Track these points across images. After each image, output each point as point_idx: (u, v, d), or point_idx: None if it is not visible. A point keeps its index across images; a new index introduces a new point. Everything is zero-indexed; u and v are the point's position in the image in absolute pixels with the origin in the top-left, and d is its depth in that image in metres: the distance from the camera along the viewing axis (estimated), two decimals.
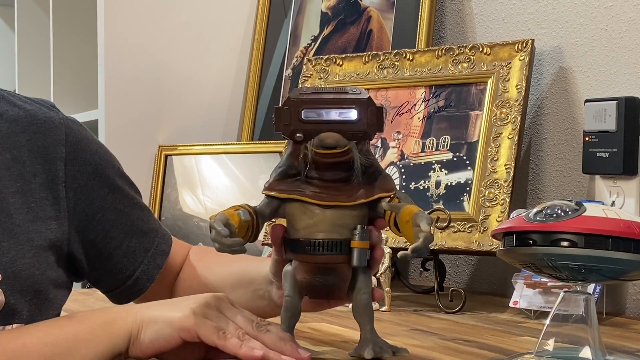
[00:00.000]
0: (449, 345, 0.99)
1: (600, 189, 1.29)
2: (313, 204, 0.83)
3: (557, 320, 0.83)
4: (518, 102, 1.37)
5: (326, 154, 0.81)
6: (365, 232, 0.82)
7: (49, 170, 0.97)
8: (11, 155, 0.96)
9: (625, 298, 1.31)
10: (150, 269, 1.05)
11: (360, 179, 0.82)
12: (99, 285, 1.07)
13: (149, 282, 1.05)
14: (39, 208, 0.96)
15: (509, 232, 0.82)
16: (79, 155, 1.00)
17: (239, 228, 0.81)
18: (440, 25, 1.68)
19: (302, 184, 0.83)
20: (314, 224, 0.83)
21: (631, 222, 0.78)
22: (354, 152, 0.81)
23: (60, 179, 0.98)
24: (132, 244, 1.04)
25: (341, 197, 0.82)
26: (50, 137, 0.98)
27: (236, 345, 0.80)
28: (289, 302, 0.86)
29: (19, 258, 0.93)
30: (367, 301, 0.84)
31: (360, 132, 0.81)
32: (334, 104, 0.81)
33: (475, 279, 1.59)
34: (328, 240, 0.82)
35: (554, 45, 1.45)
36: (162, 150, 1.93)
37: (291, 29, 1.93)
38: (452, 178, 1.41)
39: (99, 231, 1.01)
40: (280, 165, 0.85)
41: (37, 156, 0.97)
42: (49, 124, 0.99)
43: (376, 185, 0.84)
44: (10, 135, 0.96)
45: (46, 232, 0.96)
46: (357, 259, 0.82)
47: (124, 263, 1.04)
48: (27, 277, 0.93)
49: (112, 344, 0.81)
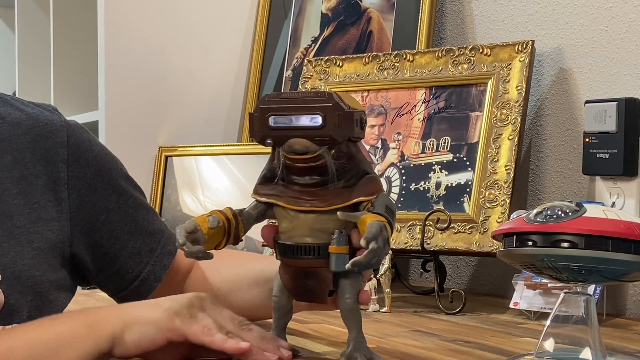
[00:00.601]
0: (450, 347, 0.99)
1: (601, 190, 1.29)
2: (290, 208, 0.83)
3: (557, 321, 0.83)
4: (518, 103, 1.37)
5: (297, 159, 0.81)
6: (344, 237, 0.82)
7: (50, 172, 0.98)
8: (13, 158, 0.96)
9: (626, 299, 1.31)
10: (157, 269, 1.05)
11: (336, 183, 0.82)
12: (107, 288, 1.07)
13: (156, 282, 1.05)
14: (41, 209, 0.96)
15: (509, 233, 0.82)
16: (81, 157, 1.00)
17: (209, 235, 0.83)
18: (440, 26, 1.68)
19: (283, 188, 0.84)
20: (292, 228, 0.83)
21: (631, 223, 0.78)
22: (327, 157, 0.80)
23: (63, 180, 0.98)
24: (138, 245, 1.04)
25: (316, 201, 0.82)
26: (51, 140, 0.99)
27: (222, 339, 0.81)
28: (276, 302, 0.87)
29: (19, 259, 0.93)
30: (351, 306, 0.84)
31: (327, 137, 0.80)
32: (299, 111, 0.81)
33: (476, 280, 1.59)
34: (306, 244, 0.83)
35: (554, 46, 1.45)
36: (162, 151, 1.93)
37: (291, 30, 1.93)
38: (452, 179, 1.41)
39: (103, 232, 1.02)
40: (263, 169, 0.86)
41: (39, 158, 0.97)
42: (50, 127, 0.99)
43: (356, 189, 0.83)
44: (12, 138, 0.97)
45: (47, 234, 0.96)
46: (334, 264, 0.82)
47: (129, 264, 1.04)
48: (27, 278, 0.93)
49: (95, 345, 0.81)
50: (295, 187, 0.83)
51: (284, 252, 0.85)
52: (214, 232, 0.83)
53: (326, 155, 0.81)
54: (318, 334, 1.05)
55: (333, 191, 0.82)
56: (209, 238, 0.83)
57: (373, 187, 0.84)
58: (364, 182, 0.83)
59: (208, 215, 0.84)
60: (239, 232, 0.85)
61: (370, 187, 0.83)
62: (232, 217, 0.84)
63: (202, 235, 0.82)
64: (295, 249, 0.83)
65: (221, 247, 0.85)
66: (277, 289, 0.87)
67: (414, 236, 1.39)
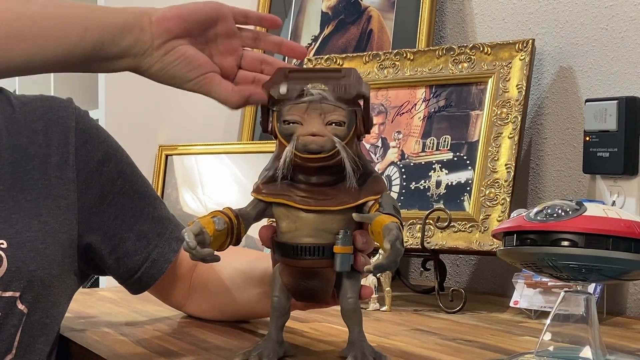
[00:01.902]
0: (450, 345, 0.99)
1: (601, 188, 1.29)
2: (298, 208, 0.82)
3: (557, 320, 0.83)
4: (518, 102, 1.37)
5: (311, 158, 0.80)
6: (348, 237, 0.82)
7: (62, 153, 1.00)
8: (28, 140, 0.99)
9: (626, 298, 1.31)
10: (166, 252, 1.06)
11: (353, 182, 0.81)
12: (118, 274, 1.08)
13: (166, 263, 1.06)
14: (52, 186, 0.99)
15: (510, 232, 0.82)
16: (88, 142, 1.03)
17: (214, 236, 0.81)
18: (440, 25, 1.68)
19: (289, 187, 0.83)
20: (297, 228, 0.82)
21: (632, 221, 0.78)
22: (343, 154, 0.79)
23: (71, 161, 1.01)
24: (145, 228, 1.06)
25: (327, 201, 0.81)
26: (62, 125, 1.02)
27: None
28: (276, 302, 0.86)
29: (25, 230, 0.95)
30: (354, 305, 0.83)
31: (346, 86, 0.81)
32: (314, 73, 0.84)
33: (476, 278, 1.59)
34: (311, 245, 0.82)
35: (554, 45, 1.45)
36: (162, 150, 1.93)
37: (291, 29, 1.93)
38: (452, 178, 1.41)
39: (110, 214, 1.04)
40: (267, 168, 0.85)
41: (51, 140, 1.00)
42: (62, 112, 1.03)
43: (363, 188, 0.82)
44: (28, 123, 1.00)
45: (55, 210, 0.99)
46: (339, 264, 0.81)
47: (137, 245, 1.06)
48: (30, 250, 0.95)
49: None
50: (301, 186, 0.82)
51: (285, 253, 0.84)
52: (219, 233, 0.82)
53: (343, 152, 0.79)
54: (318, 333, 1.05)
55: (343, 191, 0.82)
56: (213, 240, 0.81)
57: (379, 186, 0.83)
58: (371, 182, 0.83)
59: (211, 216, 0.82)
60: (240, 232, 0.84)
61: (377, 187, 0.83)
62: (234, 218, 0.83)
63: (207, 237, 0.80)
64: (299, 250, 0.82)
65: (225, 248, 0.84)
66: (277, 289, 0.86)
67: (414, 235, 1.39)
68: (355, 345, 0.83)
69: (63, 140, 1.01)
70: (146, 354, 0.96)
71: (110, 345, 1.00)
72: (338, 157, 0.80)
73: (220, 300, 1.11)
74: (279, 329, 0.87)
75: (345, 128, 0.81)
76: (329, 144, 0.79)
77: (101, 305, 1.26)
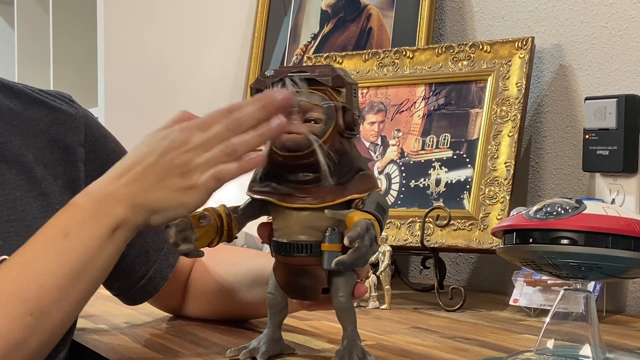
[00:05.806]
0: (449, 343, 0.99)
1: (600, 186, 1.29)
2: (283, 206, 0.82)
3: (557, 318, 0.83)
4: (518, 100, 1.37)
5: (290, 156, 0.80)
6: (336, 235, 0.81)
7: (70, 171, 0.98)
8: (34, 157, 0.96)
9: (626, 296, 1.31)
10: (164, 268, 1.06)
11: (329, 180, 0.80)
12: (113, 287, 1.07)
13: (162, 281, 1.06)
14: (56, 210, 0.96)
15: (509, 230, 0.82)
16: (98, 155, 1.01)
17: (201, 233, 0.82)
18: (440, 23, 1.68)
19: (276, 185, 0.83)
20: (286, 225, 0.83)
21: (631, 219, 0.78)
22: (319, 152, 0.79)
23: (81, 180, 0.99)
24: (147, 243, 1.05)
25: (309, 199, 0.81)
26: (70, 138, 0.99)
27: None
28: (271, 299, 0.87)
29: None
30: (345, 304, 0.83)
31: (333, 75, 0.82)
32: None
33: (475, 276, 1.59)
34: (299, 242, 0.82)
35: (554, 42, 1.45)
36: None
37: (291, 27, 1.93)
38: (452, 176, 1.41)
39: None
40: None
41: (57, 158, 0.98)
42: (69, 124, 1.00)
43: (349, 186, 0.82)
44: (32, 136, 0.97)
45: None
46: (326, 262, 0.81)
47: (137, 262, 1.04)
48: None
49: None
50: (289, 184, 0.82)
51: (278, 250, 0.84)
52: (205, 230, 0.82)
53: (318, 151, 0.79)
54: (317, 331, 1.05)
55: (326, 188, 0.81)
56: (200, 236, 0.82)
57: (367, 184, 0.83)
58: (358, 179, 0.83)
59: (201, 213, 0.83)
60: (232, 229, 0.84)
61: (364, 184, 0.83)
62: (224, 215, 0.84)
63: (192, 233, 0.81)
64: (288, 247, 0.83)
65: (214, 245, 0.84)
66: (272, 286, 0.87)
67: (413, 233, 1.39)
68: (345, 344, 0.83)
69: (71, 157, 0.98)
70: (146, 353, 0.96)
71: (110, 344, 1.00)
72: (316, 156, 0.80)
73: (217, 302, 1.11)
74: (276, 326, 0.87)
75: (322, 125, 0.81)
76: (305, 142, 0.80)
77: (101, 304, 1.25)
